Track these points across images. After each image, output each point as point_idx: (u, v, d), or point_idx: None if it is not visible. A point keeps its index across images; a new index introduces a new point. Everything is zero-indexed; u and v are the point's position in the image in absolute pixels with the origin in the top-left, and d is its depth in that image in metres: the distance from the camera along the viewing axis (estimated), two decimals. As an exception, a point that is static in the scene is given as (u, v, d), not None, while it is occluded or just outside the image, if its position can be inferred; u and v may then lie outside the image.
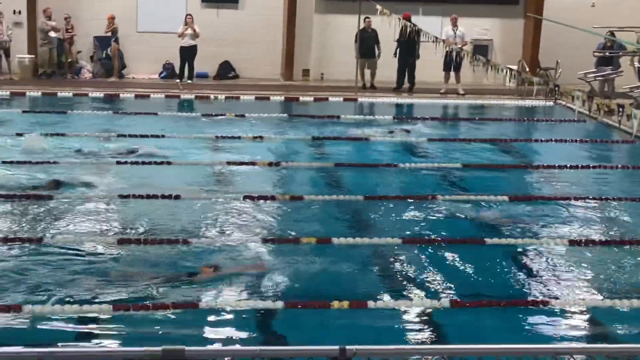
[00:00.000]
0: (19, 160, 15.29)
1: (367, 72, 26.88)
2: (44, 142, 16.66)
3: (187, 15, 26.75)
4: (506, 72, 25.14)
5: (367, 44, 26.46)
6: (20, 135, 17.43)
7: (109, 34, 27.40)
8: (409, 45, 25.94)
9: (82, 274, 9.82)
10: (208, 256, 10.47)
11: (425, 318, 8.93)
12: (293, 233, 11.51)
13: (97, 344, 8.10)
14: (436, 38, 25.05)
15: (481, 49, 27.89)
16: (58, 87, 24.99)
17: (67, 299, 8.98)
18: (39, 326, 8.40)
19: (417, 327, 8.79)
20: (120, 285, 9.49)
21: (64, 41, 27.35)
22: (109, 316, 8.64)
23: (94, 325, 8.48)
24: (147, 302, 8.91)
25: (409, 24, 25.13)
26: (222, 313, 8.76)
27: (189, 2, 28.39)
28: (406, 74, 26.54)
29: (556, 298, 9.47)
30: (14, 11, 27.70)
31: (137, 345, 5.04)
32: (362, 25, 26.12)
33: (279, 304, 8.94)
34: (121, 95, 24.15)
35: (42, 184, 13.66)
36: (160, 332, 8.31)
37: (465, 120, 22.32)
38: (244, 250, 10.74)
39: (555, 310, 9.19)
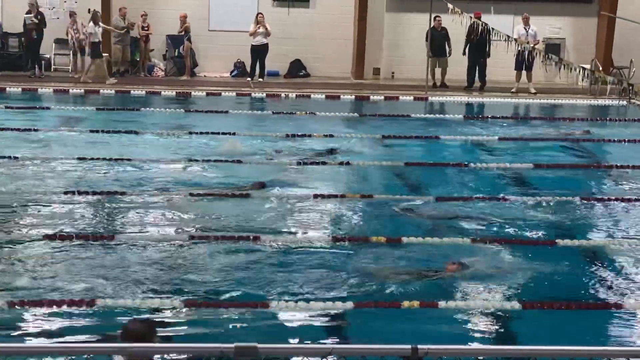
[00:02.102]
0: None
1: (438, 70, 26.79)
2: (241, 144, 16.94)
3: (258, 13, 26.87)
4: (579, 71, 24.90)
5: (437, 42, 26.36)
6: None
7: (182, 32, 27.65)
8: (479, 43, 25.80)
9: (158, 269, 9.95)
10: (282, 255, 10.54)
11: (496, 319, 8.88)
12: (362, 232, 11.52)
13: (169, 339, 8.18)
14: (508, 37, 24.88)
15: (553, 48, 27.61)
16: (131, 85, 25.29)
17: (140, 294, 9.10)
18: (112, 321, 8.50)
19: (488, 327, 8.75)
20: (195, 281, 9.60)
21: (139, 39, 27.67)
22: (180, 312, 8.74)
23: (167, 321, 8.57)
24: (220, 299, 9.00)
25: (479, 22, 25.01)
26: (293, 312, 8.80)
27: (261, 1, 28.55)
28: (477, 72, 26.42)
29: (630, 300, 9.35)
30: (89, 10, 28.07)
31: (210, 342, 5.09)
32: (432, 24, 26.04)
33: (349, 304, 8.95)
34: (193, 93, 24.39)
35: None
36: (232, 329, 8.37)
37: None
38: (316, 248, 10.79)
39: (631, 312, 9.08)
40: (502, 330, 8.70)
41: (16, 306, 8.64)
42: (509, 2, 28.08)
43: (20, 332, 8.25)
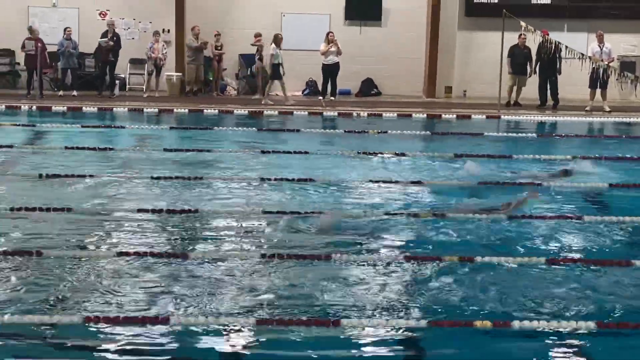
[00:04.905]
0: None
1: (514, 88, 26.68)
2: (480, 167, 17.02)
3: (329, 32, 26.94)
4: (655, 89, 24.62)
5: (519, 60, 26.30)
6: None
7: (256, 50, 27.85)
8: (550, 61, 25.65)
9: (230, 288, 9.99)
10: (354, 273, 10.51)
11: (570, 340, 8.75)
12: (435, 251, 11.46)
13: (241, 357, 8.22)
14: (582, 55, 24.67)
15: (628, 66, 27.32)
16: (205, 104, 25.52)
17: (213, 312, 9.14)
18: (184, 338, 8.56)
19: (562, 348, 8.63)
20: (267, 299, 9.62)
21: (213, 59, 27.96)
22: (253, 330, 8.75)
23: (240, 339, 8.60)
24: (292, 318, 9.00)
25: (551, 39, 24.86)
26: (364, 331, 8.76)
27: (332, 20, 28.65)
28: (548, 90, 26.28)
29: None
30: (163, 30, 28.47)
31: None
32: (513, 42, 25.93)
33: (423, 323, 8.89)
34: (265, 112, 24.56)
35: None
36: (304, 348, 8.37)
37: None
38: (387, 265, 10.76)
39: None
40: (576, 350, 8.57)
41: (91, 322, 8.73)
42: (583, 19, 27.83)
43: (94, 348, 8.32)
